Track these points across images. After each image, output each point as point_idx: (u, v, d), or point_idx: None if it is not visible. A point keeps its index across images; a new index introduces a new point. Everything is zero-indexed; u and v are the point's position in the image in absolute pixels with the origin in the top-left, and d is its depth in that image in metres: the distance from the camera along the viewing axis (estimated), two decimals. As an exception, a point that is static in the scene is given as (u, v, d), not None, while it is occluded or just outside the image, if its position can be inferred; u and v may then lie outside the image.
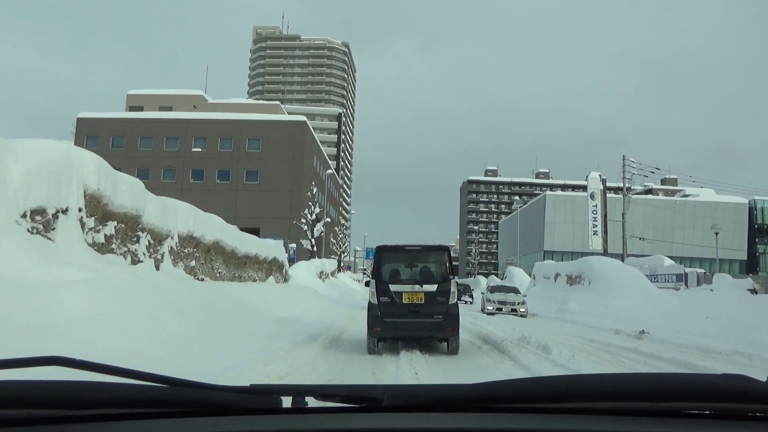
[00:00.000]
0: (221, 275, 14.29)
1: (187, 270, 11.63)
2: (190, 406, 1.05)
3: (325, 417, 1.08)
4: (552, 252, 63.55)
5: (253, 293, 13.97)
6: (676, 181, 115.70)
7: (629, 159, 39.04)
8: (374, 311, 9.27)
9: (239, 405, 1.08)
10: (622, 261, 29.42)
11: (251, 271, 17.40)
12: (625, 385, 1.14)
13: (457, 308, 9.45)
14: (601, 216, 37.23)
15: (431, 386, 1.16)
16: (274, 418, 1.08)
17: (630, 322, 16.77)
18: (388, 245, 10.05)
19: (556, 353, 8.49)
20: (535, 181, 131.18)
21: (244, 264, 16.54)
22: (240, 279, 16.14)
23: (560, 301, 25.60)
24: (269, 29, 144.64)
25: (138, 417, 1.03)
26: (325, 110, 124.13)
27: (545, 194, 69.47)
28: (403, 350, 9.54)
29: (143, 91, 62.95)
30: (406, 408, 1.08)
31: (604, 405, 1.08)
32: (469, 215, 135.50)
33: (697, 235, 62.48)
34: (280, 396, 1.11)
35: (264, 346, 8.21)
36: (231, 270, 15.20)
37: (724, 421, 1.08)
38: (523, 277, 43.60)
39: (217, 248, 13.70)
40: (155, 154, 56.53)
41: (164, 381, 1.05)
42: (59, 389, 0.98)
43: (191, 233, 11.74)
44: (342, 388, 1.12)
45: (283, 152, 55.50)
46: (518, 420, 1.07)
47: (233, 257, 15.20)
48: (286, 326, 12.02)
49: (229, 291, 11.84)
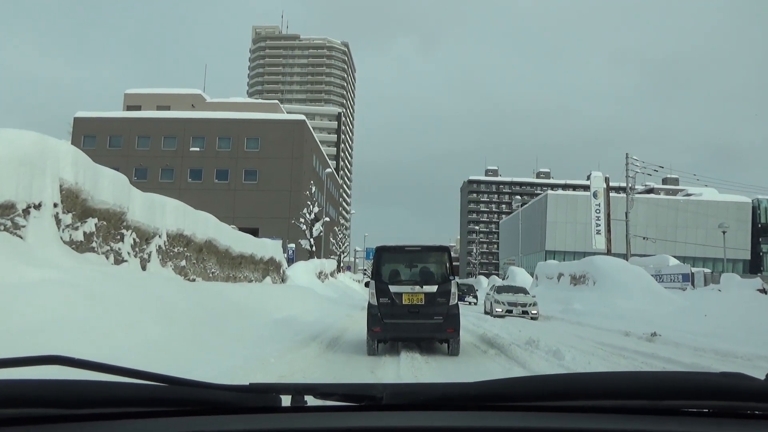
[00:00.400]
0: (214, 276, 13.71)
1: (177, 270, 11.04)
2: (190, 405, 1.05)
3: (324, 416, 1.09)
4: (554, 252, 62.91)
5: (248, 294, 13.40)
6: (677, 181, 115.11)
7: (632, 157, 38.48)
8: (374, 312, 9.18)
9: (238, 404, 1.08)
10: (625, 261, 28.81)
11: (247, 272, 16.82)
12: (625, 383, 1.14)
13: (457, 309, 9.33)
14: (605, 215, 36.61)
15: (431, 385, 1.15)
16: (273, 417, 1.08)
17: (638, 323, 16.20)
18: (388, 245, 9.95)
19: (569, 359, 7.92)
20: (536, 180, 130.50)
21: (239, 264, 15.96)
22: (235, 279, 15.56)
23: (564, 301, 25.00)
24: (269, 29, 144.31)
25: (137, 416, 1.03)
26: (324, 110, 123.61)
27: (547, 194, 68.78)
28: (404, 351, 9.42)
29: (141, 91, 62.34)
30: (406, 406, 1.08)
31: (603, 403, 1.07)
32: (470, 215, 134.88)
33: (700, 235, 61.89)
34: (280, 395, 1.11)
35: (253, 351, 7.64)
36: (225, 270, 14.62)
37: (723, 419, 1.08)
38: (525, 277, 43.00)
39: (209, 247, 13.11)
40: (153, 154, 55.94)
41: (163, 380, 1.06)
42: (58, 388, 0.98)
43: (181, 231, 11.16)
44: (341, 386, 1.11)
45: (282, 151, 54.91)
46: (517, 418, 1.07)
47: (227, 257, 14.62)
48: (280, 329, 11.45)
49: (221, 292, 11.26)
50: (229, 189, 55.33)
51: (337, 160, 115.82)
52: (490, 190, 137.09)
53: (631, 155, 38.61)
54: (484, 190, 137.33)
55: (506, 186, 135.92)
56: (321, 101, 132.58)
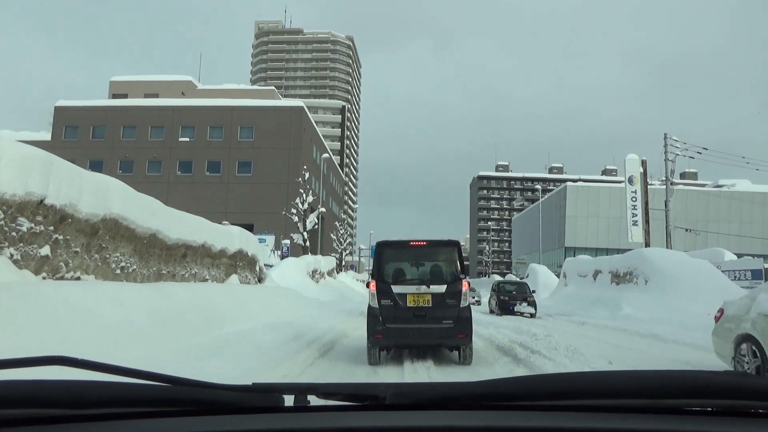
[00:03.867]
0: (128, 272, 9.21)
1: (27, 261, 6.58)
2: (193, 405, 1.05)
3: (327, 415, 1.08)
4: (574, 248, 58.10)
5: (179, 301, 8.91)
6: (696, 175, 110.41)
7: (672, 138, 33.66)
8: (375, 316, 8.33)
9: (242, 404, 1.08)
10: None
11: (197, 267, 12.32)
12: (627, 382, 1.13)
13: (469, 312, 8.47)
14: (642, 203, 31.84)
15: (434, 384, 1.15)
16: (276, 417, 1.08)
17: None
18: (390, 240, 9.06)
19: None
20: (548, 176, 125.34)
21: (181, 256, 11.47)
22: (173, 277, 11.08)
23: (609, 304, 20.34)
24: (271, 23, 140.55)
25: (141, 416, 1.04)
26: (328, 103, 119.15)
27: (566, 185, 63.65)
28: (407, 362, 8.57)
29: (127, 78, 58.00)
30: (409, 406, 1.08)
31: (606, 402, 1.07)
32: (480, 212, 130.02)
33: (734, 228, 56.92)
34: (283, 395, 1.11)
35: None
36: (153, 264, 10.13)
37: (727, 418, 1.08)
38: (548, 276, 38.27)
39: (115, 228, 8.60)
40: (139, 145, 51.70)
41: (167, 380, 1.06)
42: (62, 389, 0.97)
43: (40, 197, 6.69)
44: (344, 386, 1.11)
45: (279, 141, 50.46)
46: (521, 417, 1.06)
47: (156, 245, 10.11)
48: (214, 354, 7.05)
49: (118, 298, 6.78)
50: (221, 182, 51.03)
51: (342, 156, 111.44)
52: (500, 186, 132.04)
53: (670, 135, 33.85)
54: (495, 186, 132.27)
55: (517, 182, 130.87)
56: (325, 96, 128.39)
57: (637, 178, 32.38)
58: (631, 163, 32.61)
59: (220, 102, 52.53)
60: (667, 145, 33.38)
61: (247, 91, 58.98)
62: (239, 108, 51.62)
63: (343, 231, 53.42)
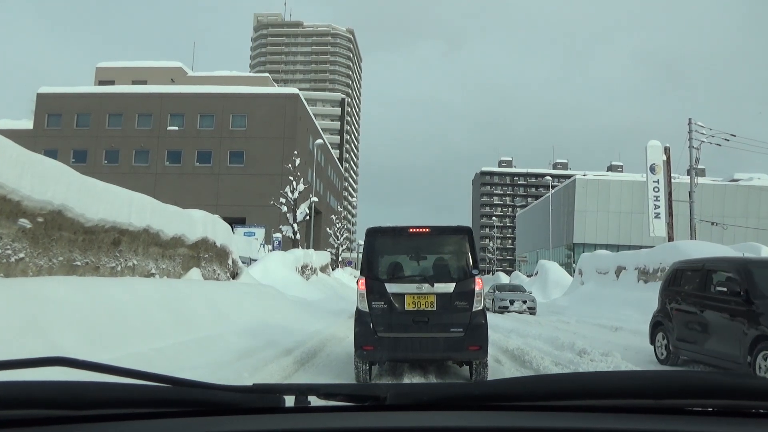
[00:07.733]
0: (12, 262, 6.47)
1: None
2: (194, 406, 1.05)
3: (327, 416, 1.08)
4: (583, 245, 55.27)
5: (111, 300, 6.24)
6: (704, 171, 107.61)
7: (697, 123, 30.80)
8: (364, 322, 6.73)
9: (242, 404, 1.08)
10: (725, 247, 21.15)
11: (136, 258, 9.58)
12: (628, 383, 1.13)
13: (484, 317, 6.78)
14: (665, 194, 29.07)
15: (434, 384, 1.15)
16: (277, 417, 1.08)
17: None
18: (383, 227, 7.29)
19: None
20: (552, 172, 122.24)
21: (111, 244, 8.74)
22: (98, 270, 8.34)
23: (642, 305, 17.55)
24: (271, 16, 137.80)
25: (142, 417, 1.03)
26: (327, 95, 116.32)
27: (575, 179, 60.65)
28: (407, 378, 7.22)
29: (114, 64, 55.26)
30: (409, 406, 1.07)
31: (606, 402, 1.07)
32: (483, 209, 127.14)
33: (751, 222, 54.15)
34: (283, 395, 1.11)
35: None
36: (58, 252, 7.40)
37: (727, 418, 1.08)
38: (559, 273, 35.50)
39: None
40: (126, 134, 49.00)
41: (167, 381, 1.06)
42: (63, 389, 0.97)
43: None
44: (345, 387, 1.11)
45: (273, 130, 47.69)
46: (521, 418, 1.06)
47: (64, 227, 7.39)
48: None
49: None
50: (212, 173, 48.31)
51: (341, 150, 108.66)
52: (504, 182, 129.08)
53: (695, 121, 31.01)
54: (498, 182, 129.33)
55: (521, 177, 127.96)
56: (325, 90, 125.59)
57: (660, 167, 29.57)
58: (653, 151, 29.77)
59: (211, 89, 49.73)
60: (692, 131, 30.52)
61: (241, 78, 56.15)
62: (231, 95, 48.84)
63: (340, 225, 50.59)
